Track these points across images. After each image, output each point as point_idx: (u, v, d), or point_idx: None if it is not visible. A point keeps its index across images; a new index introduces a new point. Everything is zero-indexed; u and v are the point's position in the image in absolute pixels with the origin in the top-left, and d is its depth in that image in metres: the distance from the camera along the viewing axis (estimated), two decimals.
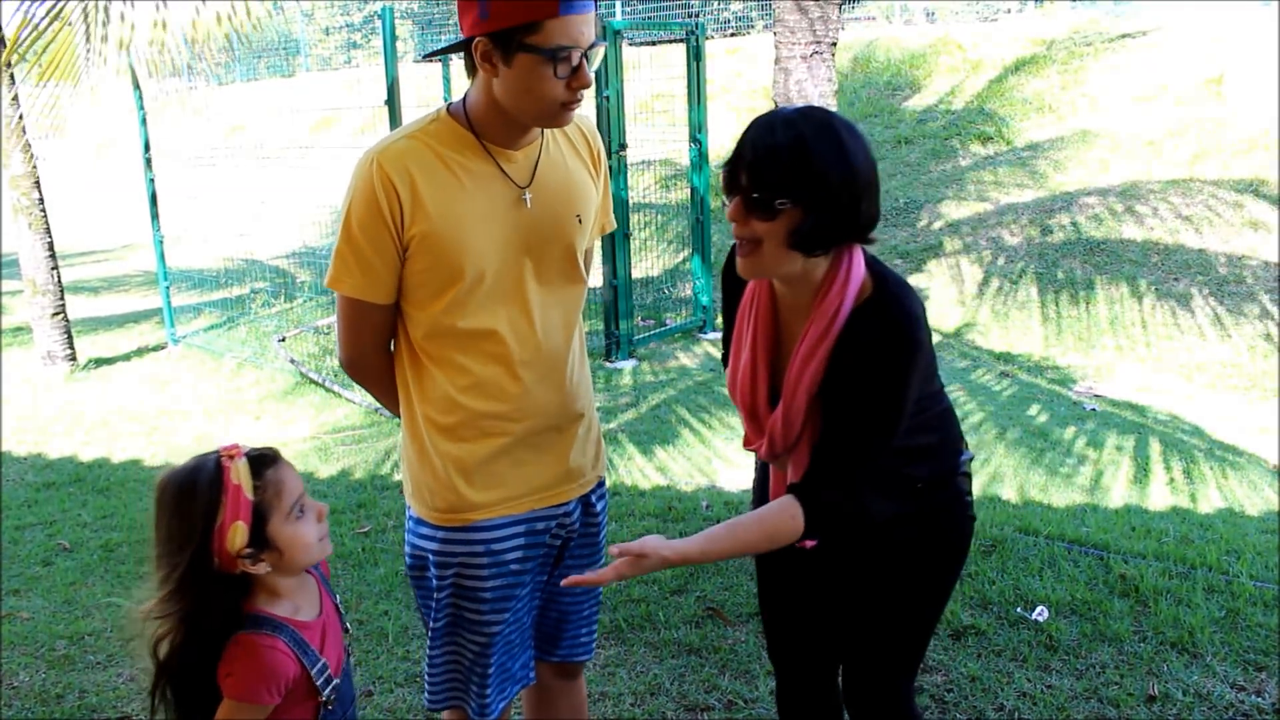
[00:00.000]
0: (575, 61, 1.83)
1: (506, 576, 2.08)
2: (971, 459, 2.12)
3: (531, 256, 2.01)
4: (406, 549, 2.15)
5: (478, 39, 1.84)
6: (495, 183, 1.96)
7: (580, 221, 2.07)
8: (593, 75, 1.88)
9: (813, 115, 1.78)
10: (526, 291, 2.01)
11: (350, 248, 1.93)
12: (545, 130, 2.04)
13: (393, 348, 2.10)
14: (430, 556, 2.08)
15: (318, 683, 1.79)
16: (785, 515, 1.85)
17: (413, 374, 2.05)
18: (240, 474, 1.72)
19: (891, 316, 1.83)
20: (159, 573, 1.75)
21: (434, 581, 2.09)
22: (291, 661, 1.76)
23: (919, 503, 2.04)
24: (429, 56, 2.21)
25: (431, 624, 2.13)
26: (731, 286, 2.08)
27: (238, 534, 1.71)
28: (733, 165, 1.79)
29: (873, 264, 1.88)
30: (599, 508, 2.26)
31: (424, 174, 1.91)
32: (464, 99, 1.99)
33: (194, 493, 1.72)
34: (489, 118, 1.94)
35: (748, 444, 2.04)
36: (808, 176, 1.72)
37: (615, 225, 2.32)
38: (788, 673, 2.30)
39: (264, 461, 1.77)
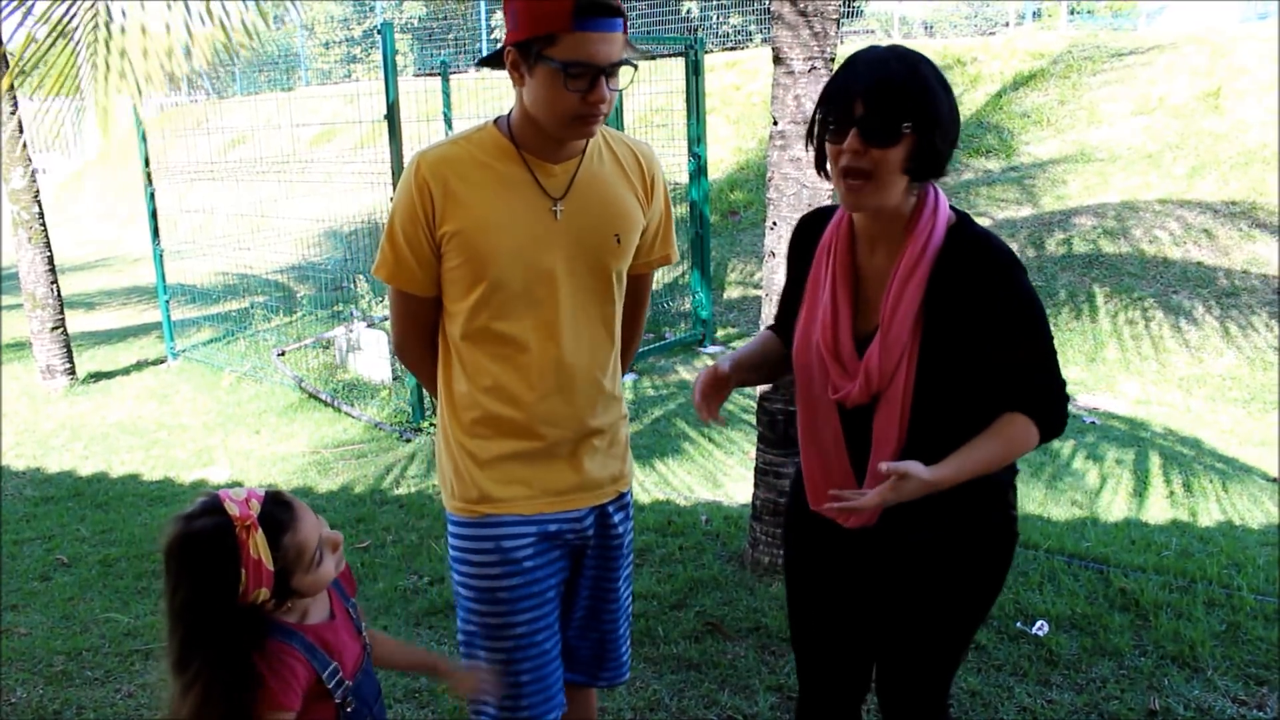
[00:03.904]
0: (589, 78, 1.88)
1: (522, 575, 2.12)
2: (1018, 472, 2.12)
3: (563, 269, 2.06)
4: (448, 550, 2.24)
5: (508, 48, 1.93)
6: (530, 192, 2.04)
7: (619, 242, 2.12)
8: (611, 94, 1.92)
9: (911, 50, 1.86)
10: (555, 304, 2.07)
11: (390, 242, 2.08)
12: (590, 148, 2.10)
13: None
14: (454, 553, 2.17)
15: (329, 685, 1.80)
16: (1018, 426, 1.90)
17: (444, 370, 2.17)
18: (259, 548, 1.68)
19: (988, 239, 1.91)
20: (176, 640, 1.69)
21: (458, 579, 2.17)
22: (303, 666, 1.77)
23: (981, 497, 2.01)
24: (480, 64, 2.29)
25: (461, 628, 2.19)
26: (803, 248, 2.11)
27: (260, 596, 1.70)
28: (843, 99, 1.81)
29: (952, 205, 1.96)
30: (617, 519, 2.26)
31: (459, 177, 2.01)
32: (510, 112, 2.08)
33: (210, 567, 1.67)
34: (527, 129, 2.03)
35: (834, 393, 1.96)
36: (925, 101, 1.80)
37: (677, 258, 2.35)
38: (817, 692, 2.26)
39: (281, 528, 1.71)
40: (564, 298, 2.07)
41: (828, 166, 1.90)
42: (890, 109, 1.78)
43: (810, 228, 2.11)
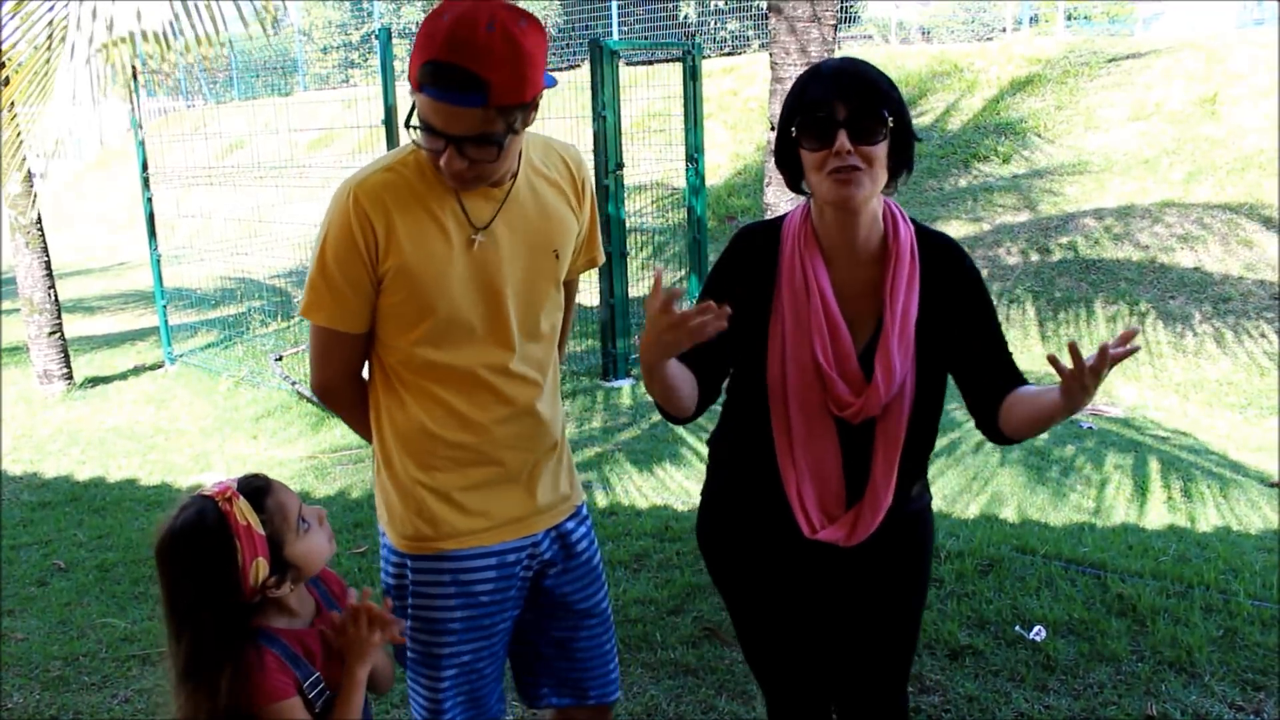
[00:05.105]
0: (438, 142, 1.81)
1: (475, 608, 2.06)
2: None
3: (510, 291, 1.99)
4: (382, 576, 2.14)
5: None
6: (459, 220, 1.95)
7: (557, 256, 2.06)
8: (467, 163, 1.82)
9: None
10: (505, 327, 2.00)
11: (324, 278, 1.93)
12: (522, 165, 2.00)
13: (366, 374, 2.09)
14: (405, 584, 2.07)
15: (310, 695, 1.79)
16: None
17: (386, 401, 2.04)
18: (245, 513, 1.71)
19: (947, 237, 2.02)
20: (181, 636, 1.71)
21: (402, 608, 2.08)
22: (277, 662, 1.77)
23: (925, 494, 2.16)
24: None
25: (408, 653, 2.11)
26: (749, 265, 2.01)
27: (260, 569, 1.72)
28: (820, 107, 1.81)
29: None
30: (579, 533, 2.21)
31: (400, 208, 1.90)
32: None
33: (205, 548, 1.70)
34: None
35: (840, 410, 1.94)
36: (894, 91, 1.86)
37: (604, 259, 2.30)
38: (790, 704, 2.26)
39: (260, 492, 1.76)
40: (513, 319, 2.00)
41: (804, 180, 1.90)
42: (871, 103, 1.81)
43: (757, 242, 2.03)
